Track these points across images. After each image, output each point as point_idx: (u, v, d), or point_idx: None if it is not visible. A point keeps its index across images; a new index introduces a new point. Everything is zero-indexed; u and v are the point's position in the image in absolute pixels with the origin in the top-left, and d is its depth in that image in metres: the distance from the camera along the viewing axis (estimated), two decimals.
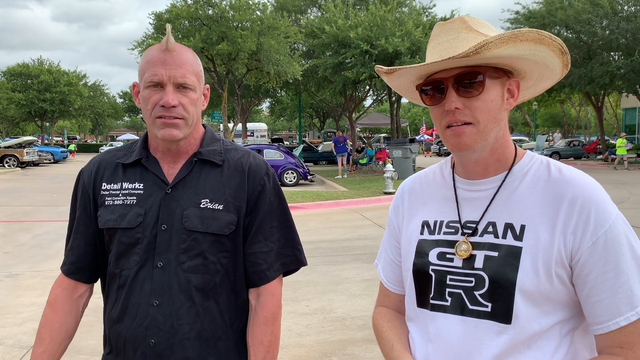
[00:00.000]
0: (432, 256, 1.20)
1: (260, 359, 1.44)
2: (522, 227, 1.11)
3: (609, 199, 1.10)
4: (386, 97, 28.48)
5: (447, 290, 1.16)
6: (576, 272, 1.08)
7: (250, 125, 45.10)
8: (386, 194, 14.40)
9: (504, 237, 1.12)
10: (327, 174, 22.63)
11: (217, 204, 1.43)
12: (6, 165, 27.71)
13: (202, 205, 1.43)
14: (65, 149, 37.97)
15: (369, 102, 31.70)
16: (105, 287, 1.53)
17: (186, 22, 21.66)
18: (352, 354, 4.23)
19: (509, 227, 1.13)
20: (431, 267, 1.20)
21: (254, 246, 1.48)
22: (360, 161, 24.78)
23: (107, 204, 1.47)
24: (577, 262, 1.07)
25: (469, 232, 1.17)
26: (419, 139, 42.66)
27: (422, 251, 1.23)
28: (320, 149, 33.91)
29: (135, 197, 1.45)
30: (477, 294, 1.12)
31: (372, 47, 21.09)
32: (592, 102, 32.03)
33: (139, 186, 1.46)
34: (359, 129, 43.87)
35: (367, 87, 27.05)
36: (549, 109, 51.48)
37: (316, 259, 7.34)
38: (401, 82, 1.27)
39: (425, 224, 1.26)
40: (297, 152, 23.86)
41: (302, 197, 13.88)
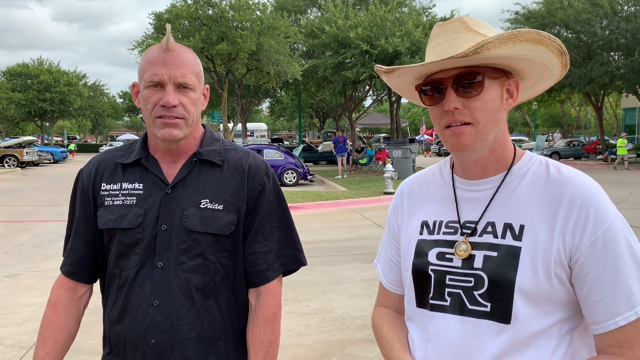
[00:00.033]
0: (432, 256, 1.20)
1: (260, 359, 1.44)
2: (521, 227, 1.11)
3: (607, 199, 1.11)
4: (386, 97, 28.46)
5: (447, 290, 1.16)
6: (575, 272, 1.08)
7: (250, 125, 45.10)
8: (386, 194, 14.40)
9: (503, 237, 1.12)
10: (327, 174, 22.62)
11: (217, 204, 1.43)
12: (6, 165, 27.70)
13: (202, 205, 1.43)
14: (65, 149, 37.95)
15: (368, 102, 31.70)
16: (105, 288, 1.52)
17: (186, 22, 21.66)
18: (351, 354, 4.23)
19: (508, 227, 1.13)
20: (430, 267, 1.20)
21: (254, 246, 1.48)
22: (360, 161, 24.78)
23: (106, 204, 1.47)
24: (576, 262, 1.08)
25: (468, 232, 1.17)
26: (418, 139, 42.62)
27: (421, 251, 1.23)
28: (320, 149, 33.89)
29: (135, 198, 1.44)
30: (476, 294, 1.12)
31: (372, 47, 21.08)
32: (592, 102, 32.02)
33: (139, 186, 1.46)
34: (358, 129, 43.88)
35: (367, 87, 27.02)
36: (548, 109, 51.46)
37: (316, 259, 7.34)
38: (400, 82, 1.27)
39: (424, 224, 1.26)
40: (297, 152, 23.85)
41: (302, 197, 13.88)
